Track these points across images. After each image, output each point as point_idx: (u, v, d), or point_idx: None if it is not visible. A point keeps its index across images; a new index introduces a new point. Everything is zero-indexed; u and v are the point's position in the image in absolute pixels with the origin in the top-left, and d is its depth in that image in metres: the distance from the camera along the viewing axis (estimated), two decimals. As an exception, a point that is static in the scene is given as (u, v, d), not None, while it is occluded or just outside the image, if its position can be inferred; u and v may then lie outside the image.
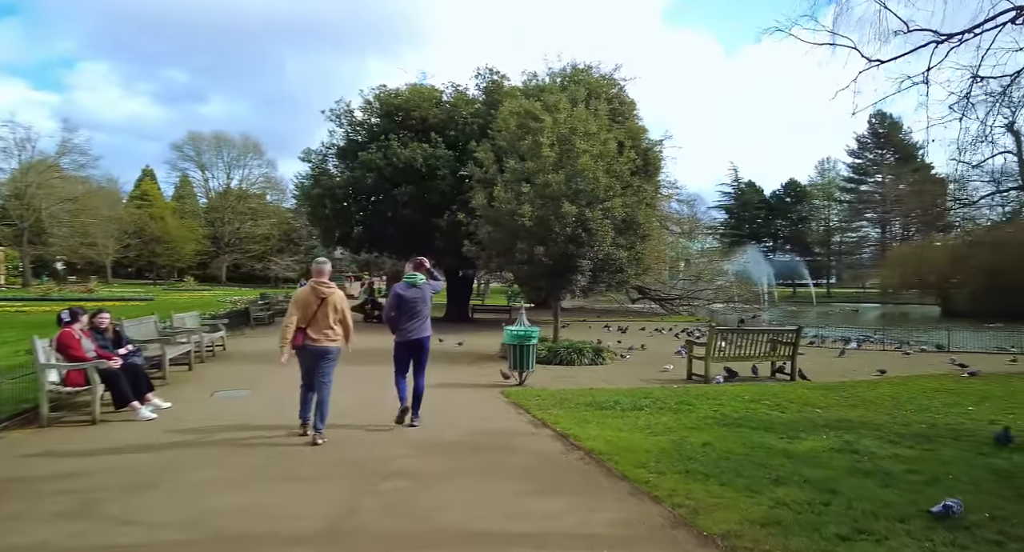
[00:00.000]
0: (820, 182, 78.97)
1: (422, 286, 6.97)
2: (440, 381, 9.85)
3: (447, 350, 14.59)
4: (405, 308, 6.86)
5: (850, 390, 9.40)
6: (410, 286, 6.93)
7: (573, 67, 21.12)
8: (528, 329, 9.62)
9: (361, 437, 6.42)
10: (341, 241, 24.25)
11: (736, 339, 10.74)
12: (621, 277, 12.80)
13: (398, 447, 6.01)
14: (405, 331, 6.91)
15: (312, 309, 6.22)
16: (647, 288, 28.28)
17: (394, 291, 7.02)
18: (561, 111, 13.12)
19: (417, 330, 6.92)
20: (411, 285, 6.93)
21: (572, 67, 21.11)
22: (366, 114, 22.44)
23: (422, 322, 6.94)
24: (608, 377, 10.81)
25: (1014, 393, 9.21)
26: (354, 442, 6.18)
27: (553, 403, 8.06)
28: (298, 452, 5.81)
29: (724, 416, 7.44)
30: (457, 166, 19.90)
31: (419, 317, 6.92)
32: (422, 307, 6.93)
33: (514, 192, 12.35)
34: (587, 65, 20.98)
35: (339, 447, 6.00)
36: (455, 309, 24.92)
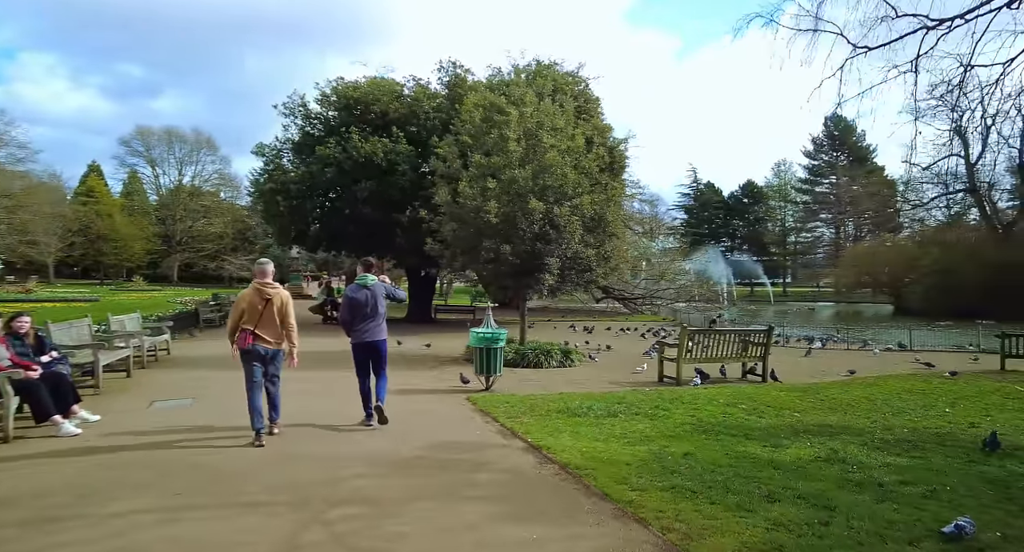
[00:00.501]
0: (777, 183, 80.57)
1: (373, 287, 6.87)
2: (401, 386, 9.30)
3: (408, 353, 13.98)
4: (357, 310, 6.79)
5: (823, 392, 9.19)
6: (361, 287, 6.85)
7: (538, 62, 20.72)
8: (495, 331, 9.12)
9: (311, 453, 5.82)
10: (297, 239, 23.31)
11: (707, 340, 10.44)
12: (590, 276, 12.40)
13: (353, 465, 5.42)
14: (359, 333, 6.85)
15: (258, 310, 6.17)
16: (611, 287, 28.07)
17: (345, 295, 7.03)
18: (527, 105, 12.66)
19: (372, 332, 6.85)
20: (362, 286, 6.85)
21: (537, 62, 20.70)
22: (323, 107, 21.58)
23: (376, 324, 6.89)
24: (578, 380, 10.40)
25: (985, 393, 9.13)
26: (303, 459, 5.58)
27: (522, 410, 7.58)
28: (241, 473, 5.18)
29: (701, 422, 7.08)
30: (419, 162, 19.27)
31: (372, 319, 6.86)
32: (375, 308, 6.85)
33: (479, 188, 11.83)
34: (552, 61, 20.61)
35: (286, 465, 5.39)
36: (417, 309, 24.25)
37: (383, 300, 6.93)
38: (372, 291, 6.84)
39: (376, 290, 6.87)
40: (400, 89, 21.86)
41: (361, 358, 6.93)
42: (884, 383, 10.06)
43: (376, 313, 6.85)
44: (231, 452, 5.79)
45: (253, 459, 5.59)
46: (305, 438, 6.38)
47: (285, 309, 6.31)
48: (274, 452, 5.81)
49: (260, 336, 6.16)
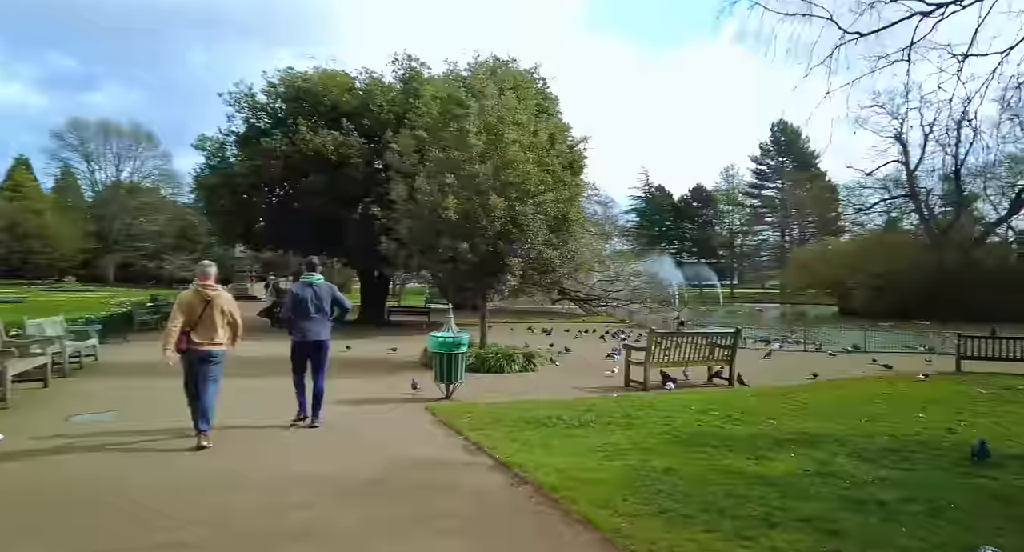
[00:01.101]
0: (725, 187, 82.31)
1: (319, 286, 6.85)
2: (353, 396, 8.64)
3: (362, 357, 13.24)
4: (301, 308, 6.75)
5: (793, 396, 8.96)
6: (307, 286, 6.81)
7: (496, 59, 20.15)
8: (457, 336, 8.53)
9: (250, 472, 5.13)
10: (241, 237, 22.12)
11: (674, 343, 10.11)
12: (553, 277, 11.95)
13: (297, 490, 4.76)
14: (301, 331, 6.80)
15: (197, 312, 6.05)
16: (567, 289, 27.77)
17: (290, 291, 6.99)
18: (488, 98, 12.12)
19: (314, 332, 6.80)
20: (308, 285, 6.82)
21: (496, 59, 20.13)
22: (270, 98, 20.48)
23: (319, 323, 6.84)
24: (543, 386, 9.91)
25: (951, 396, 9.07)
26: (238, 485, 4.88)
27: (488, 421, 7.02)
28: (161, 502, 4.44)
29: (677, 431, 6.67)
30: (372, 156, 18.44)
31: (316, 318, 6.80)
32: (319, 308, 6.80)
33: (437, 183, 11.22)
34: (511, 57, 20.07)
35: (219, 490, 4.69)
36: (370, 311, 23.34)
37: (328, 302, 6.88)
38: (317, 291, 6.80)
39: (322, 291, 6.83)
40: (352, 82, 20.95)
41: (300, 356, 6.89)
42: (850, 386, 9.93)
43: (320, 312, 6.80)
44: (153, 476, 5.04)
45: (179, 482, 4.87)
46: (246, 451, 5.68)
47: (229, 310, 6.23)
48: (206, 471, 5.09)
49: (196, 339, 6.03)
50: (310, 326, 6.77)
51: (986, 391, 9.50)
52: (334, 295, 6.98)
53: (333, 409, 7.70)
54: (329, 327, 6.97)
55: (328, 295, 6.89)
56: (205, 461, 5.48)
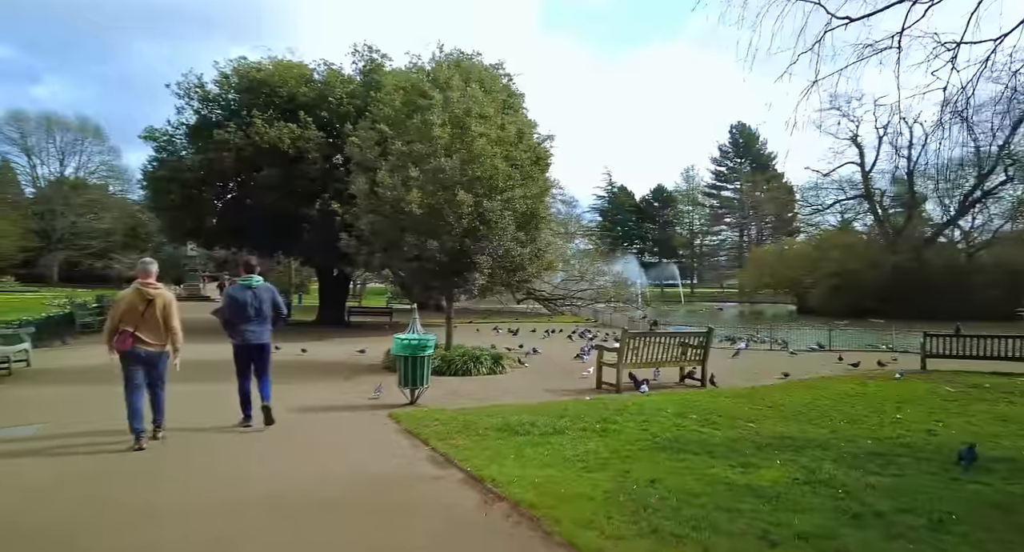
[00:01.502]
0: (685, 188, 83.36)
1: (258, 288, 6.70)
2: (309, 402, 8.09)
3: (320, 361, 12.64)
4: (239, 311, 6.59)
5: (767, 398, 8.77)
6: (245, 288, 6.67)
7: (460, 52, 19.63)
8: (423, 337, 8.04)
9: (194, 493, 4.58)
10: (191, 234, 21.07)
11: (647, 344, 9.82)
12: (522, 275, 11.55)
13: (246, 514, 4.25)
14: (241, 334, 6.62)
15: (139, 311, 5.90)
16: (532, 288, 27.46)
17: (227, 293, 6.83)
18: (454, 89, 11.64)
19: (255, 334, 6.66)
20: (246, 287, 6.68)
21: (459, 52, 19.62)
22: (223, 89, 19.52)
23: (259, 326, 6.70)
24: (512, 389, 9.51)
25: (922, 396, 9.01)
26: (181, 508, 4.33)
27: (456, 429, 6.57)
28: (87, 536, 3.88)
29: (656, 438, 6.35)
30: (330, 150, 17.75)
31: (255, 321, 6.65)
32: (259, 310, 6.65)
33: (400, 177, 10.70)
34: (476, 52, 19.58)
35: (153, 520, 4.14)
36: (329, 312, 22.58)
37: (268, 304, 6.73)
38: (256, 293, 6.66)
39: (261, 292, 6.69)
40: (309, 73, 20.14)
41: (243, 360, 6.73)
42: (823, 386, 9.81)
43: (260, 315, 6.66)
44: (64, 505, 4.44)
45: (108, 506, 4.29)
46: (189, 463, 5.13)
47: (168, 311, 6.04)
48: (145, 493, 4.52)
49: (141, 338, 5.89)
50: (250, 329, 6.62)
51: (954, 390, 9.49)
52: (273, 298, 6.81)
53: (287, 417, 7.19)
54: (270, 329, 6.82)
55: (268, 297, 6.75)
56: (137, 480, 4.90)
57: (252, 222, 18.72)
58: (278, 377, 10.01)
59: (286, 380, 9.89)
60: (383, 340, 16.39)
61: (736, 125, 79.87)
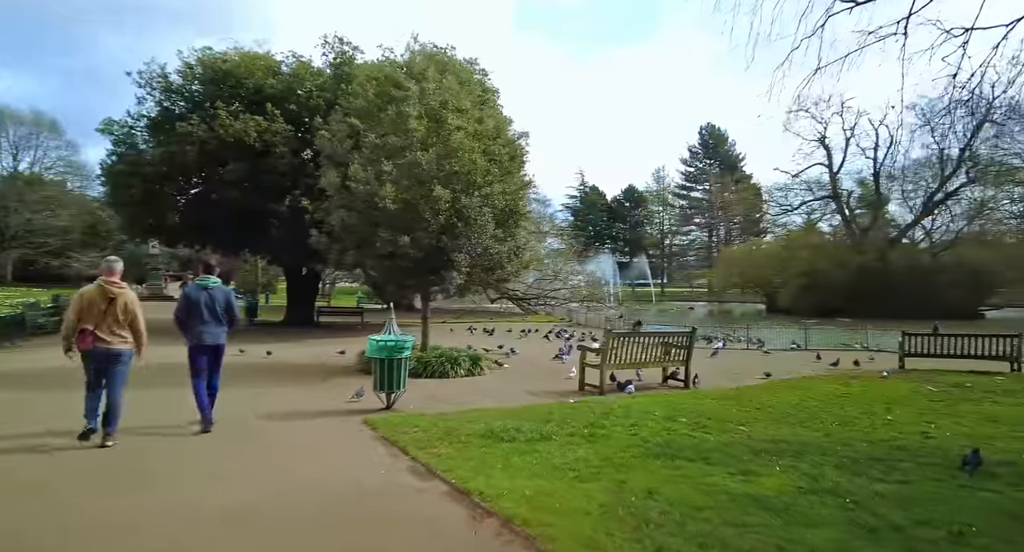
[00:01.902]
0: (656, 189, 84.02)
1: (214, 289, 6.66)
2: (279, 408, 7.63)
3: (288, 363, 12.10)
4: (195, 311, 6.53)
5: (754, 399, 8.57)
6: (201, 289, 6.62)
7: (434, 45, 19.18)
8: (399, 338, 7.62)
9: (154, 501, 4.12)
10: (152, 231, 20.20)
11: (631, 344, 9.55)
12: (501, 274, 11.19)
13: (205, 528, 3.81)
14: (197, 335, 6.56)
15: (100, 309, 5.79)
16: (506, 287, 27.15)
17: (183, 293, 6.75)
18: (429, 80, 11.23)
19: (210, 335, 6.59)
20: (202, 288, 6.63)
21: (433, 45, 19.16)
22: (186, 80, 18.73)
23: (215, 327, 6.63)
24: (492, 392, 9.16)
25: (908, 396, 8.91)
26: (134, 520, 3.87)
27: (437, 436, 6.19)
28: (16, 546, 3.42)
29: (648, 443, 6.06)
30: (299, 145, 17.16)
31: (211, 321, 6.59)
32: (214, 311, 6.59)
33: (374, 171, 10.25)
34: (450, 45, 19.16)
35: (106, 529, 3.68)
36: (298, 312, 21.90)
37: (223, 305, 6.66)
38: (212, 293, 6.62)
39: (217, 294, 6.64)
40: (277, 66, 19.46)
41: (198, 361, 6.62)
42: (807, 387, 9.67)
43: (215, 316, 6.60)
44: (24, 509, 3.95)
45: (61, 513, 3.81)
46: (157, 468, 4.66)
47: (132, 310, 5.93)
48: (88, 505, 4.04)
49: (102, 337, 5.77)
50: (206, 330, 6.56)
51: (937, 389, 9.43)
52: (228, 300, 6.75)
53: (254, 424, 6.75)
54: (225, 330, 6.76)
55: (223, 299, 6.69)
56: (91, 485, 4.42)
57: (217, 219, 18.04)
58: (245, 381, 9.55)
59: (253, 384, 9.40)
60: (355, 341, 15.91)
61: (706, 126, 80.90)
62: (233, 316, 6.82)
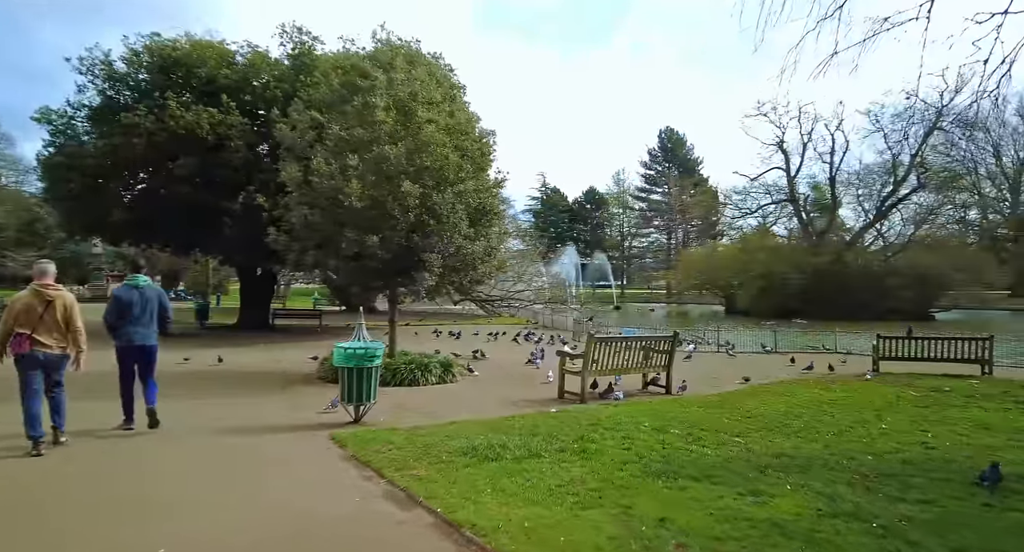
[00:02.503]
0: (616, 191, 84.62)
1: (145, 289, 6.58)
2: (235, 422, 6.93)
3: (243, 371, 11.29)
4: (125, 312, 6.44)
5: (740, 406, 8.25)
6: (131, 288, 6.54)
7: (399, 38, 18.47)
8: (369, 345, 7.00)
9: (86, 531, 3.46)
10: (94, 228, 18.88)
11: (613, 349, 9.13)
12: (474, 275, 10.63)
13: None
14: (126, 336, 6.47)
15: (37, 313, 5.66)
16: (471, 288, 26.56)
17: (113, 294, 6.70)
18: (398, 70, 10.62)
19: (140, 335, 6.51)
20: (132, 287, 6.55)
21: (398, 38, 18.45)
22: (132, 67, 17.55)
23: (145, 327, 6.56)
24: (467, 400, 8.62)
25: (894, 402, 8.71)
26: None
27: (415, 454, 5.61)
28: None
29: (644, 459, 5.61)
30: (255, 138, 16.26)
31: (141, 322, 6.51)
32: (145, 311, 6.52)
33: (339, 165, 9.58)
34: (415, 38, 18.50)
35: None
36: (251, 315, 20.83)
37: (155, 305, 6.61)
38: (143, 293, 6.54)
39: (148, 293, 6.56)
40: (232, 55, 18.44)
41: (127, 362, 6.56)
42: (790, 393, 9.40)
43: (145, 316, 6.52)
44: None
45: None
46: (74, 502, 3.94)
47: (70, 312, 5.81)
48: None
49: (40, 341, 5.66)
50: (136, 330, 6.46)
51: (917, 394, 9.31)
52: (160, 300, 6.69)
53: (202, 442, 6.05)
54: (156, 331, 6.68)
55: (155, 298, 6.62)
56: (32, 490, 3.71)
57: (165, 216, 16.97)
58: (194, 392, 8.77)
59: (202, 395, 8.64)
60: (313, 345, 15.13)
61: (665, 130, 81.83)
62: (166, 316, 6.76)
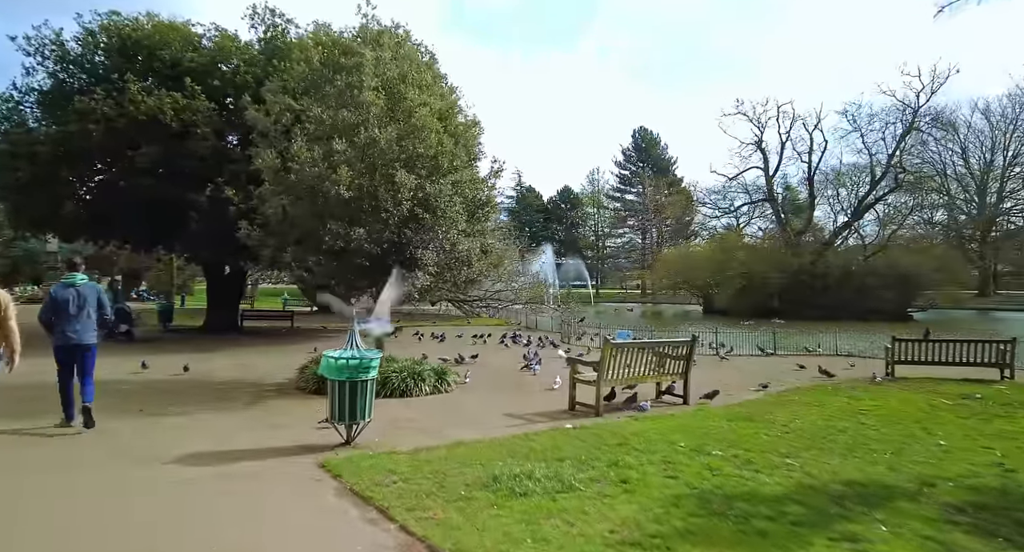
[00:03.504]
0: (591, 190, 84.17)
1: (81, 287, 6.58)
2: (198, 447, 5.90)
3: (211, 380, 10.17)
4: (60, 311, 6.43)
5: (770, 418, 7.49)
6: (67, 287, 6.53)
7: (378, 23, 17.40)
8: (363, 355, 5.99)
9: None
10: (44, 223, 17.36)
11: (628, 356, 8.27)
12: (469, 274, 9.69)
13: None
14: (63, 335, 6.45)
15: None
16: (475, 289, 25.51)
17: (49, 293, 6.66)
18: (385, 48, 9.65)
19: (78, 334, 6.48)
20: (68, 286, 6.54)
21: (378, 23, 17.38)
22: (87, 48, 16.14)
23: (82, 325, 6.53)
24: (468, 414, 7.69)
25: (932, 411, 8.05)
26: None
27: (425, 487, 4.67)
28: None
29: (697, 490, 4.77)
30: (223, 126, 15.06)
31: (77, 320, 6.48)
32: (81, 309, 6.50)
33: (322, 151, 8.56)
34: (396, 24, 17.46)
35: None
36: (219, 317, 19.50)
37: (93, 304, 6.59)
38: (80, 291, 6.52)
39: (85, 291, 6.55)
40: (198, 39, 17.14)
41: (64, 361, 6.53)
42: (818, 402, 8.67)
43: (83, 314, 6.50)
44: None
45: None
46: None
47: (5, 311, 5.79)
48: None
49: None
50: (72, 329, 6.42)
51: (949, 402, 8.68)
52: (99, 298, 6.66)
53: (158, 475, 5.00)
54: (94, 330, 6.63)
55: (93, 296, 6.60)
56: None
57: (125, 210, 15.66)
58: (152, 407, 7.66)
59: (160, 411, 7.55)
60: (286, 349, 14.08)
61: (639, 129, 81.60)
62: (105, 312, 6.70)
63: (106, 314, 6.74)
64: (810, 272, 37.40)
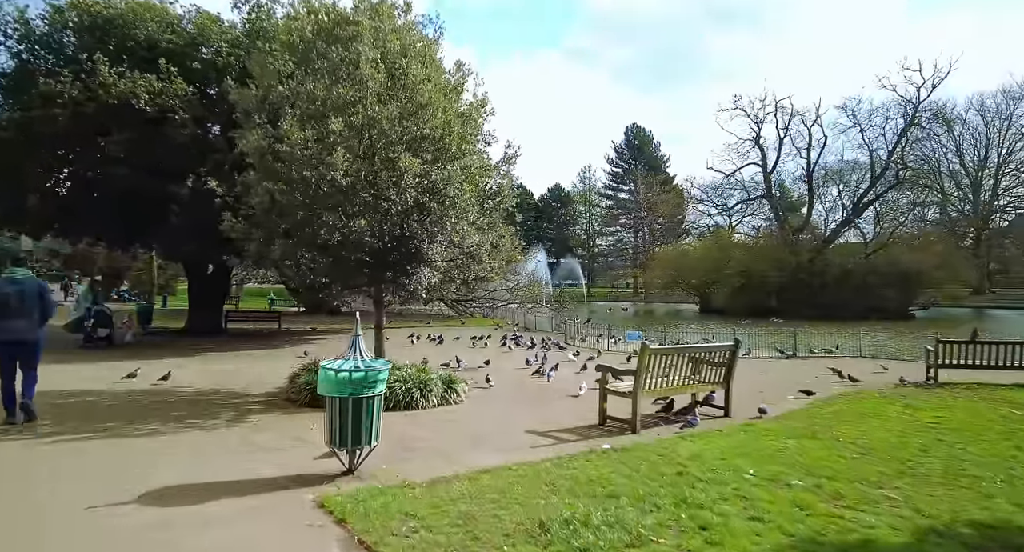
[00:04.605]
0: (582, 188, 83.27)
1: (24, 282, 6.48)
2: (168, 479, 4.83)
3: (191, 390, 9.07)
4: (2, 305, 6.30)
5: (833, 433, 6.56)
6: (9, 282, 6.43)
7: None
8: (371, 366, 4.93)
9: None
10: (5, 219, 16.07)
11: (667, 363, 7.27)
12: (479, 271, 8.66)
13: None
14: (4, 331, 6.31)
15: None
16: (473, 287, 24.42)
17: None
18: (384, 18, 8.60)
19: (19, 330, 6.39)
20: (11, 282, 6.45)
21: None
22: (53, 27, 14.90)
23: (24, 321, 6.43)
24: (484, 431, 6.69)
25: (1009, 425, 7.14)
26: None
27: (457, 540, 3.64)
28: None
29: (795, 538, 3.81)
30: (204, 112, 13.90)
31: (19, 315, 6.39)
32: (24, 304, 6.40)
33: (317, 131, 7.50)
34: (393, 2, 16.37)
35: None
36: (202, 318, 18.27)
37: (35, 299, 6.51)
38: (22, 287, 6.45)
39: (27, 287, 6.49)
40: (177, 20, 15.96)
41: (5, 357, 6.46)
42: (873, 412, 7.74)
43: (25, 309, 6.43)
44: None
45: None
46: None
47: None
48: None
49: None
50: (11, 325, 6.35)
51: (1021, 412, 7.79)
52: (42, 294, 6.61)
53: (120, 522, 3.92)
54: (37, 326, 6.58)
55: (35, 292, 6.55)
56: None
57: (97, 204, 14.48)
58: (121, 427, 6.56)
59: (126, 431, 6.43)
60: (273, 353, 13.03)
61: (632, 126, 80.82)
62: (46, 310, 6.64)
63: (49, 312, 6.72)
64: (808, 270, 36.78)
